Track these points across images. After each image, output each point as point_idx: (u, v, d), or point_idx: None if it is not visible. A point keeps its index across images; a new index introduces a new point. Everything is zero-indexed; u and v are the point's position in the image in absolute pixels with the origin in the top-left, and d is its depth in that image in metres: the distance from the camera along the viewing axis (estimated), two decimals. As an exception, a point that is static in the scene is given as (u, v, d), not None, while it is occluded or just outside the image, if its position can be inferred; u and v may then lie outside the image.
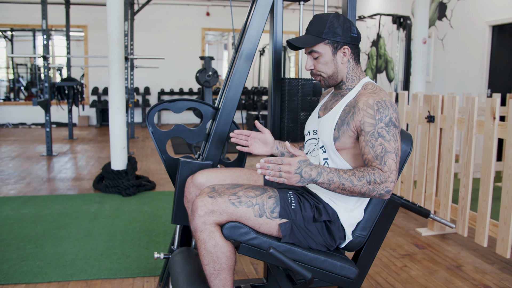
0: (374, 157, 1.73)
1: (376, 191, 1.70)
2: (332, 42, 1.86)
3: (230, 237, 1.74)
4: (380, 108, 1.75)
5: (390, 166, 1.71)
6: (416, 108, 3.84)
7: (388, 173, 1.70)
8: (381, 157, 1.71)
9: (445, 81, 8.17)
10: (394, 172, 1.71)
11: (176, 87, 11.69)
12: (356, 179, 1.68)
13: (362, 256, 2.02)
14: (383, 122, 1.74)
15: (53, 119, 10.41)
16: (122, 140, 4.93)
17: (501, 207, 2.95)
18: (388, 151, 1.72)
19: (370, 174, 1.68)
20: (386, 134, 1.73)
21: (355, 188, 1.69)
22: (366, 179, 1.68)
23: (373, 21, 10.44)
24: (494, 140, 3.02)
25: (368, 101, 1.78)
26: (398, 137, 1.76)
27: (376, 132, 1.74)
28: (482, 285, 2.78)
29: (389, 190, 1.70)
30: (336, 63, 1.89)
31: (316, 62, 1.89)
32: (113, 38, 4.79)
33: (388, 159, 1.71)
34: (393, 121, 1.75)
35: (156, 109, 2.33)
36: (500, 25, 6.99)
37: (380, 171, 1.70)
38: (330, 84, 1.94)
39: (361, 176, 1.68)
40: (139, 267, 2.95)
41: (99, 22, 10.67)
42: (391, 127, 1.74)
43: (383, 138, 1.73)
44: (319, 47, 1.86)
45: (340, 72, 1.91)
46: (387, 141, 1.73)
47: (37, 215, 3.95)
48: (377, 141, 1.73)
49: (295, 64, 13.02)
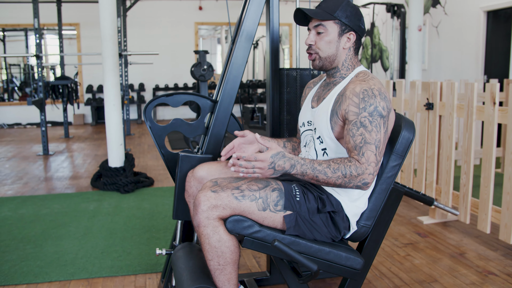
0: (353, 147, 1.70)
1: (352, 183, 1.68)
2: (341, 23, 1.84)
3: (233, 230, 1.71)
4: (366, 96, 1.71)
5: (368, 157, 1.67)
6: (414, 96, 3.82)
7: (365, 165, 1.67)
8: (359, 147, 1.69)
9: (441, 68, 8.15)
10: (372, 164, 1.68)
11: (170, 82, 11.64)
12: (331, 171, 1.66)
13: (367, 246, 2.00)
14: (366, 112, 1.70)
15: (48, 118, 10.35)
16: (119, 137, 4.89)
17: (504, 193, 2.94)
18: (368, 142, 1.68)
19: (346, 167, 1.66)
20: (368, 124, 1.69)
21: (330, 180, 1.67)
22: (342, 172, 1.66)
23: (367, 10, 10.40)
24: (494, 126, 3.00)
25: (355, 89, 1.75)
26: (381, 128, 1.71)
27: (358, 121, 1.70)
28: (486, 272, 2.76)
29: (366, 182, 1.68)
30: (339, 46, 1.86)
31: (319, 38, 1.85)
32: (106, 35, 4.74)
33: (367, 150, 1.68)
34: (378, 110, 1.70)
35: (154, 103, 2.30)
36: (494, 10, 6.96)
37: (357, 163, 1.67)
38: (323, 66, 1.90)
39: (336, 168, 1.66)
40: (140, 264, 2.92)
41: (91, 20, 10.59)
42: (375, 117, 1.70)
43: (364, 128, 1.69)
44: (327, 24, 1.83)
45: (339, 56, 1.88)
46: (368, 132, 1.69)
47: (36, 215, 3.92)
48: (358, 131, 1.70)
49: (289, 56, 12.97)
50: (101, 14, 4.73)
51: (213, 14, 11.64)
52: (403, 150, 1.89)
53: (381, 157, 1.72)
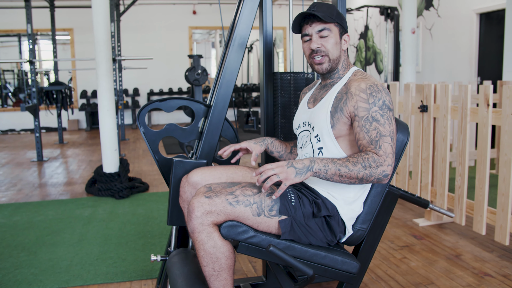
0: (369, 142, 1.71)
1: (373, 176, 1.68)
2: (340, 26, 1.89)
3: (228, 236, 1.70)
4: (373, 91, 1.74)
5: (385, 149, 1.69)
6: (408, 98, 3.82)
7: (384, 156, 1.68)
8: (376, 141, 1.70)
9: (435, 70, 8.17)
10: (390, 155, 1.69)
11: (165, 87, 11.62)
12: (351, 164, 1.67)
13: (363, 249, 1.99)
14: (377, 106, 1.73)
15: (42, 124, 10.31)
16: (113, 142, 4.87)
17: (498, 194, 2.94)
18: (383, 135, 1.70)
19: (364, 159, 1.67)
20: (380, 117, 1.72)
21: (352, 174, 1.67)
22: (361, 164, 1.66)
23: (360, 13, 10.43)
24: (488, 127, 3.00)
25: (361, 86, 1.77)
26: (392, 120, 1.74)
27: (370, 116, 1.72)
28: (482, 273, 2.76)
29: (387, 174, 1.69)
30: (340, 47, 1.90)
31: (325, 41, 1.87)
32: (100, 40, 4.73)
33: (384, 142, 1.70)
34: (386, 104, 1.73)
35: (147, 109, 2.29)
36: (487, 12, 6.99)
37: (375, 155, 1.68)
38: (331, 68, 1.91)
39: (355, 161, 1.67)
40: (135, 270, 2.90)
41: (85, 25, 10.57)
42: (385, 110, 1.73)
43: (377, 122, 1.71)
44: (331, 27, 1.86)
45: (341, 58, 1.92)
46: (381, 125, 1.71)
47: (30, 222, 3.89)
48: (372, 126, 1.71)
49: (284, 60, 12.98)
50: (94, 19, 4.71)
51: (207, 18, 11.64)
52: (398, 152, 1.89)
53: (395, 149, 1.75)
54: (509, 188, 2.85)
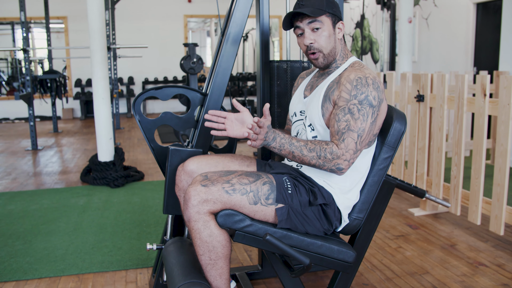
0: (336, 131, 1.72)
1: (326, 166, 1.70)
2: (332, 15, 1.84)
3: (224, 225, 1.70)
4: (359, 84, 1.72)
5: (347, 144, 1.69)
6: (405, 88, 3.82)
7: (343, 150, 1.69)
8: (341, 133, 1.70)
9: (431, 60, 8.16)
10: (350, 152, 1.69)
11: (160, 75, 11.56)
12: (307, 150, 1.70)
13: (359, 239, 1.99)
14: (357, 99, 1.71)
15: (36, 112, 10.24)
16: (108, 131, 4.85)
17: (494, 185, 2.95)
18: (351, 130, 1.69)
19: (322, 149, 1.69)
20: (356, 112, 1.70)
21: (305, 159, 1.70)
22: (317, 152, 1.69)
23: (356, 3, 10.38)
24: (485, 118, 3.00)
25: (350, 76, 1.76)
26: (369, 118, 1.71)
27: (347, 107, 1.71)
28: (477, 263, 2.77)
29: (340, 167, 1.70)
30: (335, 38, 1.87)
31: (317, 35, 1.83)
32: (94, 28, 4.68)
33: (348, 137, 1.69)
34: (369, 99, 1.71)
35: (143, 97, 2.27)
36: (484, 2, 6.97)
37: (334, 147, 1.69)
38: (328, 62, 1.89)
39: (313, 148, 1.70)
40: (131, 259, 2.90)
41: (79, 13, 10.46)
42: (364, 105, 1.71)
43: (351, 115, 1.70)
44: (322, 18, 1.83)
45: (337, 48, 1.89)
46: (354, 119, 1.70)
47: (25, 211, 3.87)
48: (344, 117, 1.71)
49: (279, 49, 12.93)
50: (89, 7, 4.67)
51: (203, 7, 11.56)
52: (395, 142, 1.88)
53: (361, 147, 1.73)
54: (505, 179, 2.86)
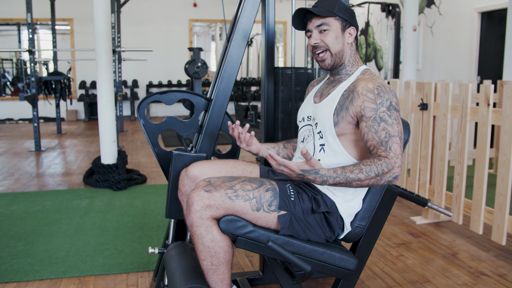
0: (379, 143, 1.71)
1: (383, 180, 1.69)
2: (342, 19, 1.86)
3: (227, 230, 1.70)
4: (381, 92, 1.74)
5: (395, 151, 1.70)
6: (408, 96, 3.82)
7: (394, 158, 1.69)
8: (385, 142, 1.70)
9: (435, 68, 8.17)
10: (399, 157, 1.70)
11: (164, 79, 11.59)
12: (364, 175, 1.65)
13: (361, 246, 1.99)
14: (384, 106, 1.72)
15: (40, 114, 10.27)
16: (112, 133, 4.86)
17: (496, 194, 2.94)
18: (392, 135, 1.70)
19: (377, 166, 1.66)
20: (388, 118, 1.71)
21: (363, 183, 1.68)
22: (374, 172, 1.66)
23: (361, 10, 10.40)
24: (488, 127, 3.00)
25: (368, 86, 1.76)
26: (400, 120, 1.75)
27: (378, 116, 1.72)
28: (478, 273, 2.77)
29: (396, 175, 1.70)
30: (344, 41, 1.88)
31: (324, 36, 1.86)
32: (100, 31, 4.70)
33: (393, 143, 1.70)
34: (393, 105, 1.74)
35: (147, 101, 2.28)
36: (489, 11, 6.98)
37: (386, 159, 1.68)
38: (334, 63, 1.89)
39: (369, 170, 1.65)
40: (132, 262, 2.90)
41: (85, 15, 10.51)
42: (392, 111, 1.73)
43: (385, 123, 1.71)
44: (330, 21, 1.85)
45: (345, 52, 1.89)
46: (390, 125, 1.71)
47: (27, 212, 3.88)
48: (380, 126, 1.71)
49: (283, 54, 12.95)
50: (95, 9, 4.69)
51: (208, 11, 11.60)
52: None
53: (403, 148, 1.75)
54: (508, 188, 2.85)
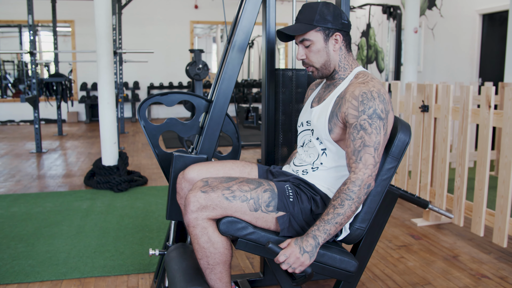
0: (352, 151, 1.71)
1: (361, 196, 1.68)
2: (324, 29, 1.83)
3: (227, 232, 1.70)
4: (365, 99, 1.72)
5: (366, 161, 1.68)
6: (409, 98, 3.82)
7: (363, 170, 1.68)
8: (358, 152, 1.69)
9: (436, 70, 8.16)
10: (370, 166, 1.68)
11: (165, 81, 11.60)
12: (341, 208, 1.65)
13: (361, 248, 1.99)
14: (366, 114, 1.70)
15: (41, 115, 10.29)
16: (113, 135, 4.86)
17: (497, 196, 2.94)
18: (367, 145, 1.69)
19: (346, 193, 1.66)
20: (368, 126, 1.70)
21: (347, 214, 1.67)
22: (347, 199, 1.66)
23: (362, 11, 10.41)
24: (489, 129, 3.00)
25: (354, 92, 1.75)
26: (381, 130, 1.71)
27: (358, 124, 1.71)
28: (480, 275, 2.76)
29: (369, 185, 1.70)
30: (328, 51, 1.86)
31: (308, 50, 1.86)
32: (101, 32, 4.71)
33: (365, 153, 1.69)
34: (377, 113, 1.71)
35: (148, 102, 2.28)
36: (490, 13, 6.98)
37: (352, 177, 1.68)
38: (323, 75, 1.91)
39: (341, 202, 1.66)
40: (133, 263, 2.90)
41: (86, 17, 10.53)
42: (374, 119, 1.70)
43: (364, 131, 1.70)
44: (310, 35, 1.83)
45: (333, 60, 1.88)
46: (367, 134, 1.69)
47: (28, 213, 3.88)
48: (358, 134, 1.70)
49: (284, 56, 12.96)
50: (96, 11, 4.70)
51: (209, 13, 11.61)
52: (399, 152, 1.88)
53: (379, 159, 1.73)
54: (509, 190, 2.85)
